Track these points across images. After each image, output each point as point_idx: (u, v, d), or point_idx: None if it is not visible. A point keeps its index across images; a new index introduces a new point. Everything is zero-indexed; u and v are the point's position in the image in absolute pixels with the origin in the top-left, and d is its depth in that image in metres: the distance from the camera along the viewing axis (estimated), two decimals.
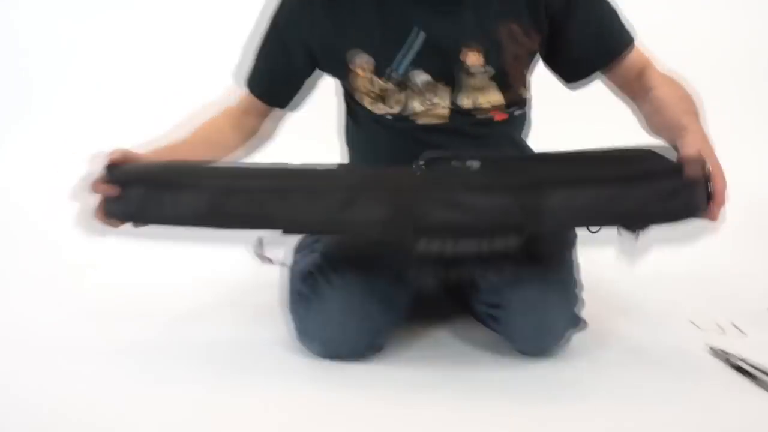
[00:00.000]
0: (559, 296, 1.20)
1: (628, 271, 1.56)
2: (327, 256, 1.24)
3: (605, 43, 1.27)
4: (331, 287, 1.21)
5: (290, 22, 1.28)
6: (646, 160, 1.03)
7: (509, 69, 1.24)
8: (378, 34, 1.23)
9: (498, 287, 1.20)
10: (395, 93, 1.25)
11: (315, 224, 1.07)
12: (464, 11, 1.22)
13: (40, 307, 1.52)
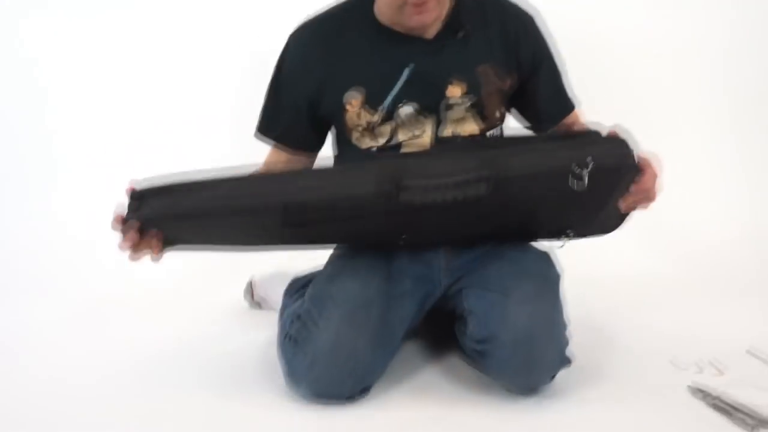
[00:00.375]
0: (547, 331, 1.23)
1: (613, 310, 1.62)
2: (315, 300, 1.27)
3: (561, 102, 1.45)
4: (318, 329, 1.23)
5: (292, 70, 1.36)
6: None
7: (485, 102, 1.34)
8: (371, 71, 1.31)
9: (486, 322, 1.23)
10: (382, 125, 1.32)
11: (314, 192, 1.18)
12: (448, 51, 1.32)
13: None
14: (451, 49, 1.32)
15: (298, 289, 1.39)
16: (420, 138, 1.33)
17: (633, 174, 1.19)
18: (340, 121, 1.34)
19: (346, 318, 1.22)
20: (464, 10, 1.34)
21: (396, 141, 1.33)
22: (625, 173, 1.19)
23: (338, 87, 1.32)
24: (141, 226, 1.16)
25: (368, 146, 1.34)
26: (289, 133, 1.40)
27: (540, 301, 1.24)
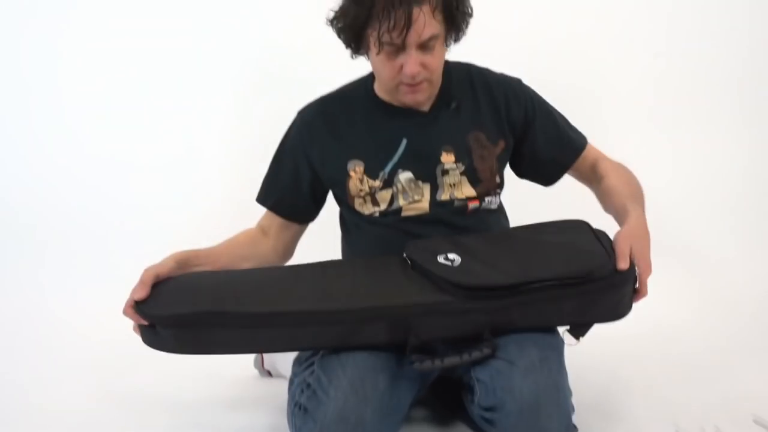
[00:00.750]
0: (553, 399, 1.24)
1: (616, 373, 1.63)
2: (324, 369, 1.29)
3: (566, 146, 1.54)
4: (327, 397, 1.24)
5: (297, 145, 1.48)
6: (586, 258, 1.26)
7: (477, 166, 1.43)
8: (370, 144, 1.43)
9: (493, 390, 1.24)
10: (383, 190, 1.42)
11: (329, 344, 1.29)
12: (440, 123, 1.43)
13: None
14: (444, 120, 1.44)
15: (307, 358, 1.40)
16: (419, 202, 1.41)
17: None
18: (344, 188, 1.44)
19: (355, 387, 1.23)
20: (455, 82, 1.46)
21: (396, 206, 1.42)
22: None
23: (342, 157, 1.43)
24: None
25: (371, 212, 1.43)
26: (284, 202, 1.52)
27: (545, 369, 1.25)
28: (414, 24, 1.28)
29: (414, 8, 1.27)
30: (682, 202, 2.25)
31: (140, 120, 2.40)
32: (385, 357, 1.28)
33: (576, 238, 1.32)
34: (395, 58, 1.34)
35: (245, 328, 1.26)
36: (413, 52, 1.32)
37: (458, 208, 1.43)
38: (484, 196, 1.46)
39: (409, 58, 1.32)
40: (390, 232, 1.43)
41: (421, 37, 1.30)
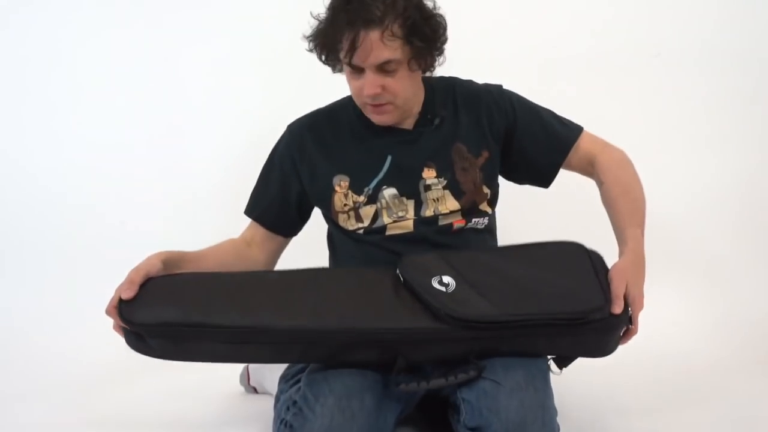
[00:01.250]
0: (538, 418, 1.24)
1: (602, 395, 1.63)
2: (310, 386, 1.28)
3: (554, 143, 1.52)
4: (313, 415, 1.24)
5: (284, 158, 1.51)
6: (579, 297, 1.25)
7: (459, 179, 1.45)
8: (357, 160, 1.46)
9: (479, 410, 1.25)
10: (366, 205, 1.44)
11: (316, 360, 1.31)
12: (423, 140, 1.46)
13: None
14: (426, 137, 1.46)
15: (294, 375, 1.40)
16: (403, 220, 1.43)
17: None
18: (329, 203, 1.46)
19: (341, 405, 1.23)
20: (437, 98, 1.49)
21: (381, 224, 1.43)
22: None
23: (328, 172, 1.46)
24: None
25: (354, 228, 1.45)
26: (269, 213, 1.54)
27: (530, 389, 1.26)
28: (359, 48, 1.32)
29: (361, 32, 1.31)
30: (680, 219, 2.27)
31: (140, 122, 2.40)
32: (372, 375, 1.29)
33: (572, 269, 1.30)
34: (357, 78, 1.37)
35: (233, 343, 1.25)
36: (370, 74, 1.35)
37: (443, 228, 1.44)
38: (470, 209, 1.46)
39: (366, 79, 1.36)
40: (375, 251, 1.44)
41: (374, 60, 1.33)
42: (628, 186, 1.45)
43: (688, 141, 2.28)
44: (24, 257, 2.32)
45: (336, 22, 1.33)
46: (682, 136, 2.29)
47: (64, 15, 2.37)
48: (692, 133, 2.29)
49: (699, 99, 2.29)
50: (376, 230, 1.45)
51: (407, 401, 1.36)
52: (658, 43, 2.28)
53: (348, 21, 1.31)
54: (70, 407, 1.68)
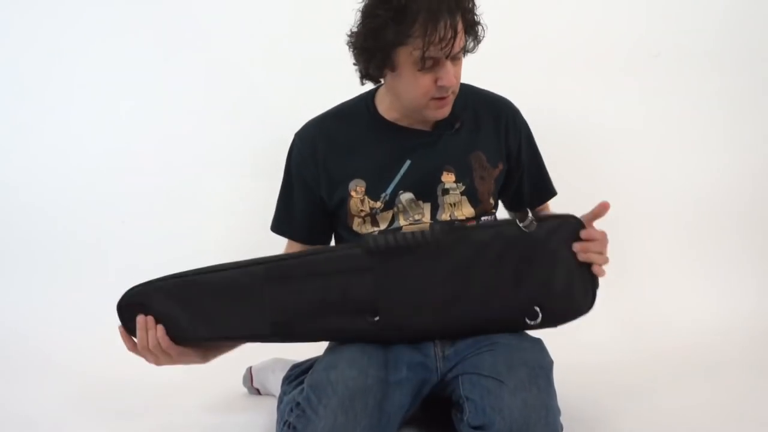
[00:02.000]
0: (542, 418, 1.24)
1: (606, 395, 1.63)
2: (313, 387, 1.29)
3: (542, 189, 1.59)
4: (317, 416, 1.24)
5: (301, 165, 1.47)
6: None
7: (478, 187, 1.44)
8: (373, 164, 1.43)
9: (482, 409, 1.25)
10: (384, 211, 1.42)
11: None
12: (442, 143, 1.44)
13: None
14: (446, 140, 1.44)
15: (297, 376, 1.41)
16: (419, 223, 1.42)
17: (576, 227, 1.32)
18: (344, 208, 1.44)
19: (344, 406, 1.24)
20: (458, 102, 1.44)
21: (397, 225, 1.42)
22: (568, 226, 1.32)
23: (343, 177, 1.43)
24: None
25: (369, 230, 1.43)
26: (303, 228, 1.50)
27: (534, 388, 1.26)
28: (458, 34, 1.30)
29: (457, 19, 1.29)
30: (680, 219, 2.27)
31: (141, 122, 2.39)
32: (376, 376, 1.29)
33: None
34: (431, 72, 1.33)
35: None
36: (449, 64, 1.32)
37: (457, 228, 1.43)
38: (481, 216, 1.46)
39: (448, 70, 1.32)
40: None
41: (459, 47, 1.32)
42: None
43: (688, 141, 2.27)
44: (24, 257, 2.31)
45: (428, 8, 1.26)
46: (682, 136, 2.28)
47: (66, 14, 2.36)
48: (692, 132, 2.28)
49: (699, 99, 2.28)
50: (391, 231, 1.42)
51: (411, 401, 1.36)
52: (658, 43, 2.27)
53: (443, 8, 1.27)
54: (70, 406, 1.68)
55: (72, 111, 2.37)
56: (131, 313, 1.32)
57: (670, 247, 2.21)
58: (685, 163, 2.28)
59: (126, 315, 1.33)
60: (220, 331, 1.34)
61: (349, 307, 1.32)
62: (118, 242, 2.29)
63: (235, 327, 1.34)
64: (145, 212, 2.33)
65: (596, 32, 2.27)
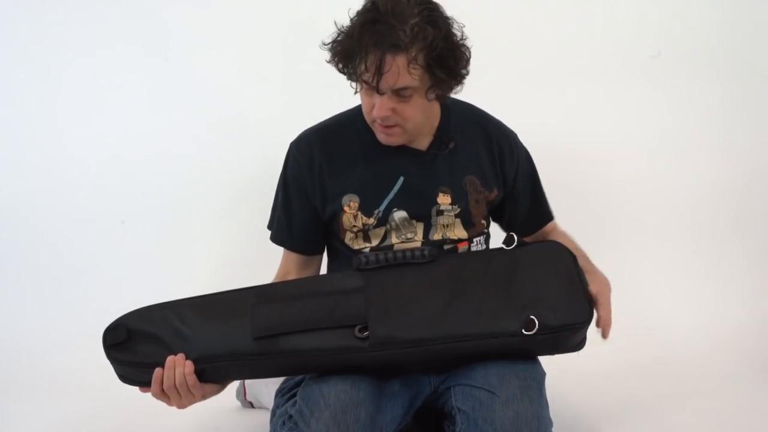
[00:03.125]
0: (533, 429, 1.24)
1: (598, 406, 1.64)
2: (306, 400, 1.29)
3: (538, 215, 1.58)
4: (309, 429, 1.24)
5: (297, 174, 1.46)
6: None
7: (471, 209, 1.44)
8: (367, 179, 1.42)
9: (474, 421, 1.25)
10: (376, 228, 1.41)
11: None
12: (438, 164, 1.43)
13: None
14: (441, 161, 1.43)
15: (290, 389, 1.41)
16: (411, 242, 1.41)
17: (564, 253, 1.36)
18: (336, 221, 1.43)
19: (336, 419, 1.24)
20: (453, 123, 1.45)
21: (389, 242, 1.42)
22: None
23: (337, 190, 1.42)
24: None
25: (361, 247, 1.42)
26: (300, 239, 1.49)
27: (526, 400, 1.26)
28: (385, 72, 1.27)
29: (387, 57, 1.26)
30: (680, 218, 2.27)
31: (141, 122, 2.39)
32: (368, 389, 1.29)
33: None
34: (371, 96, 1.34)
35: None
36: (384, 97, 1.31)
37: (448, 249, 1.42)
38: (473, 237, 1.46)
39: (379, 101, 1.32)
40: None
41: (391, 84, 1.29)
42: (577, 247, 1.48)
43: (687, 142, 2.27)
44: (24, 257, 2.31)
45: (362, 41, 1.27)
46: (681, 137, 2.28)
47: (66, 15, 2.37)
48: (691, 134, 2.28)
49: (698, 100, 2.27)
50: (383, 249, 1.42)
51: (404, 414, 1.36)
52: (657, 43, 2.26)
53: (375, 42, 1.26)
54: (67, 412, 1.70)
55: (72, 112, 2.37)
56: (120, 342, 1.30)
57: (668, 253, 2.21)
58: (683, 165, 2.27)
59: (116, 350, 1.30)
60: (205, 350, 1.28)
61: (337, 322, 1.29)
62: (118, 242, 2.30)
63: (217, 344, 1.29)
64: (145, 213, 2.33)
65: (596, 32, 2.27)
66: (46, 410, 1.72)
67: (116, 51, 2.35)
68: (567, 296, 1.30)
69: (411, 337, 1.27)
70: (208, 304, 1.33)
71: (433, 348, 1.27)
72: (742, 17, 2.27)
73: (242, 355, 1.28)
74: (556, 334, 1.28)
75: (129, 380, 1.32)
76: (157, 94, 2.35)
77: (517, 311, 1.28)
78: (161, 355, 1.26)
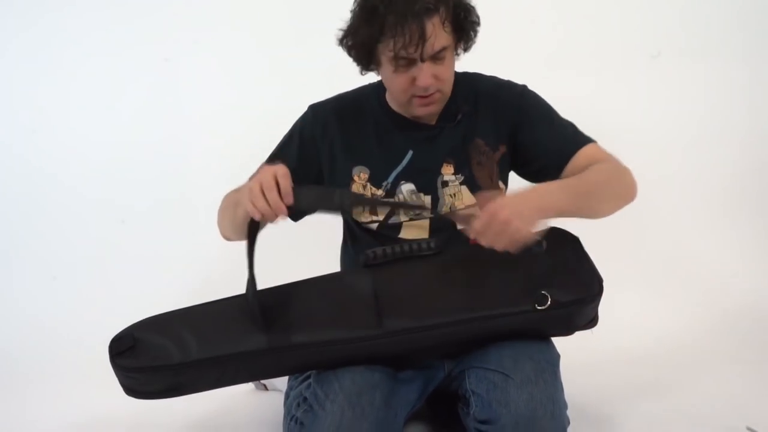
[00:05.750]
0: (548, 412, 1.24)
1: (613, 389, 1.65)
2: (320, 383, 1.29)
3: (558, 149, 1.42)
4: (324, 411, 1.24)
5: (309, 140, 1.47)
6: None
7: (475, 173, 1.44)
8: (377, 152, 1.44)
9: (489, 403, 1.25)
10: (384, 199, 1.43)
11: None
12: (443, 136, 1.45)
13: None
14: (447, 133, 1.45)
15: None
16: (420, 217, 1.42)
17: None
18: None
19: (351, 401, 1.24)
20: (461, 94, 1.46)
21: (397, 220, 1.42)
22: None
23: (348, 161, 1.44)
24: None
25: (368, 220, 1.44)
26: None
27: (540, 382, 1.26)
28: (428, 38, 1.29)
29: (426, 22, 1.28)
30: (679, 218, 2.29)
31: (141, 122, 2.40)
32: (382, 371, 1.29)
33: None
34: (407, 71, 1.34)
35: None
36: (426, 65, 1.32)
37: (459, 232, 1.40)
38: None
39: (422, 70, 1.33)
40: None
41: (434, 50, 1.31)
42: (598, 181, 1.34)
43: (687, 141, 2.29)
44: (24, 257, 2.31)
45: (396, 13, 1.27)
46: (682, 136, 2.30)
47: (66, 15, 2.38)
48: (692, 133, 2.30)
49: (698, 99, 2.30)
50: (391, 227, 1.44)
51: (418, 396, 1.36)
52: (658, 43, 2.29)
53: (410, 11, 1.27)
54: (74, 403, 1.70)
55: (72, 111, 2.38)
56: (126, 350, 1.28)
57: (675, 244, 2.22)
58: (684, 163, 2.29)
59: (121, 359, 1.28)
60: (215, 351, 1.28)
61: (349, 313, 1.29)
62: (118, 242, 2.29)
63: (228, 346, 1.28)
64: (145, 213, 2.33)
65: (596, 32, 2.29)
66: (46, 410, 1.72)
67: (116, 52, 2.37)
68: (575, 272, 1.31)
69: (423, 323, 1.27)
70: (215, 309, 1.33)
71: (446, 331, 1.28)
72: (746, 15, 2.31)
73: (253, 353, 1.27)
74: (568, 308, 1.28)
75: (135, 392, 1.31)
76: (157, 95, 2.36)
77: (527, 289, 1.28)
78: (169, 358, 1.26)
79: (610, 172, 1.38)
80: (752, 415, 1.48)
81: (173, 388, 1.31)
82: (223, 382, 1.33)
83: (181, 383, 1.30)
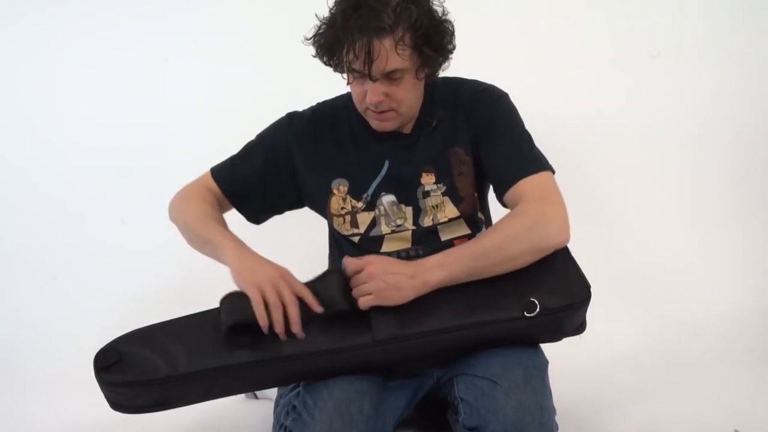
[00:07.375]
0: (536, 418, 1.24)
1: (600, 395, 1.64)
2: (309, 391, 1.29)
3: (508, 170, 1.38)
4: (312, 420, 1.24)
5: (281, 147, 1.46)
6: None
7: (457, 183, 1.42)
8: (356, 164, 1.43)
9: (477, 410, 1.25)
10: (364, 212, 1.42)
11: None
12: (419, 145, 1.43)
13: None
14: (424, 140, 1.43)
15: None
16: (402, 230, 1.41)
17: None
18: (324, 205, 1.44)
19: (340, 410, 1.24)
20: (438, 101, 1.44)
21: (378, 233, 1.41)
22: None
23: (327, 174, 1.43)
24: None
25: (349, 233, 1.43)
26: (238, 184, 1.48)
27: (528, 389, 1.26)
28: (376, 58, 1.27)
29: (374, 41, 1.27)
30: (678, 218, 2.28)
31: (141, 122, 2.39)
32: (371, 379, 1.29)
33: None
34: (361, 84, 1.34)
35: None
36: (377, 83, 1.32)
37: (444, 244, 1.40)
38: (470, 216, 1.44)
39: (371, 87, 1.33)
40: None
41: (382, 69, 1.30)
42: (505, 237, 1.29)
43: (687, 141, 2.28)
44: (24, 257, 2.32)
45: (346, 28, 1.27)
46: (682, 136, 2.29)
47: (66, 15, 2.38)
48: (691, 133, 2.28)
49: (698, 99, 2.28)
50: (373, 239, 1.43)
51: (407, 403, 1.37)
52: (658, 43, 2.27)
53: (359, 28, 1.26)
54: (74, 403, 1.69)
55: (72, 111, 2.38)
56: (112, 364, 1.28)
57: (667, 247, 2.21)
58: (684, 163, 2.28)
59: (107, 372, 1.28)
60: (203, 364, 1.26)
61: (339, 323, 1.27)
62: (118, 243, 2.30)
63: (214, 358, 1.27)
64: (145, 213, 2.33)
65: (596, 32, 2.27)
66: (45, 410, 1.72)
67: (116, 52, 2.36)
68: (563, 278, 1.30)
69: (413, 331, 1.27)
70: (202, 320, 1.31)
71: (435, 339, 1.27)
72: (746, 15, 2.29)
73: (243, 365, 1.26)
74: (557, 314, 1.28)
75: (121, 406, 1.30)
76: (157, 94, 2.36)
77: (516, 297, 1.28)
78: (154, 372, 1.25)
79: (524, 225, 1.30)
80: (740, 418, 1.48)
81: (161, 402, 1.30)
82: (213, 394, 1.32)
83: (169, 397, 1.29)
